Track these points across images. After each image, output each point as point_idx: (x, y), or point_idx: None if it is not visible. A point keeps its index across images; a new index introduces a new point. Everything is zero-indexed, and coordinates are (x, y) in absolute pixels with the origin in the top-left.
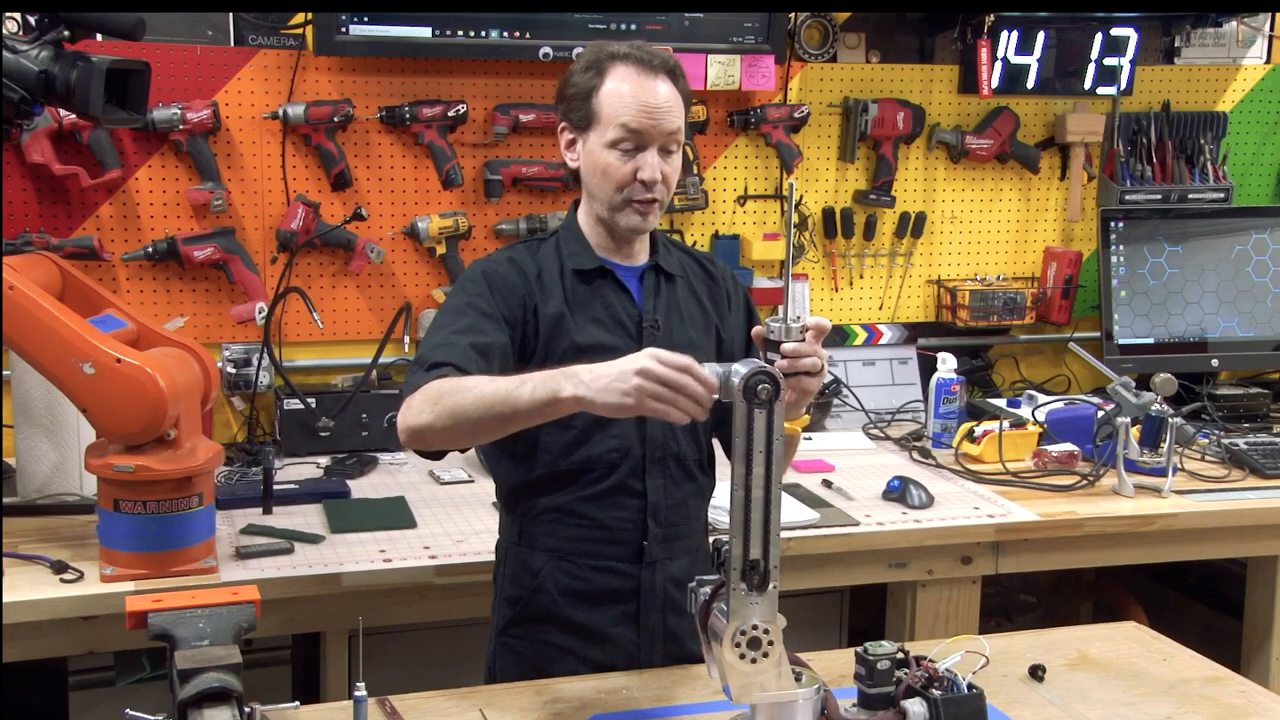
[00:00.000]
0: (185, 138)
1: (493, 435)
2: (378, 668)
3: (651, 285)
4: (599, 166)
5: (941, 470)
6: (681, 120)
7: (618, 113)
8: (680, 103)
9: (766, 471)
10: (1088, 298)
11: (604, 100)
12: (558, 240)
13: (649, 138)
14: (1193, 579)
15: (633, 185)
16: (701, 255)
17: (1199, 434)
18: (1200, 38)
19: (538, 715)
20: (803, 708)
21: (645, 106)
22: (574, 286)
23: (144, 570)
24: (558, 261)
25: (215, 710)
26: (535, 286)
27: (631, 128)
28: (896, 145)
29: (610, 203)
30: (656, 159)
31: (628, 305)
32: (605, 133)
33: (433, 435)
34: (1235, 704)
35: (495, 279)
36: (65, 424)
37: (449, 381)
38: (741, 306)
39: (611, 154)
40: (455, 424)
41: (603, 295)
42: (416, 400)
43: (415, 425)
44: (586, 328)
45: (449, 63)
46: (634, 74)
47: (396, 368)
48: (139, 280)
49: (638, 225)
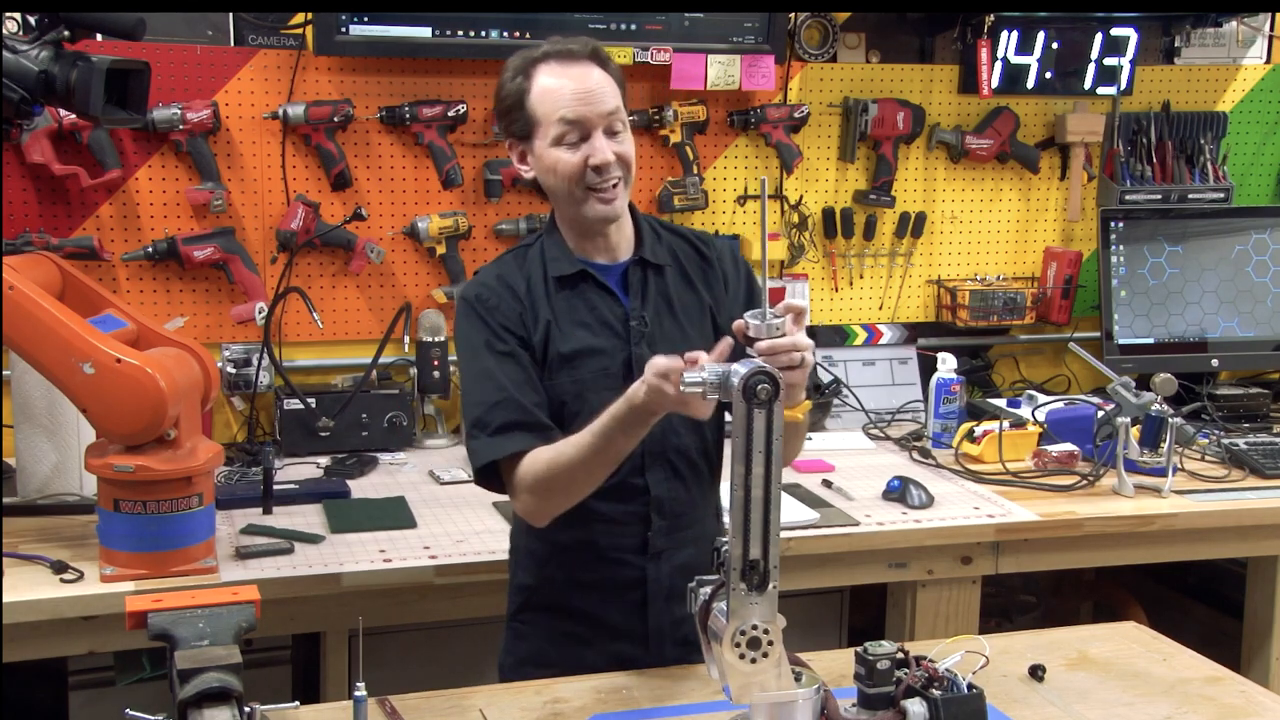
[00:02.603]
0: (185, 138)
1: (604, 477)
2: (378, 668)
3: (637, 281)
4: (551, 167)
5: (941, 470)
6: (618, 100)
7: (553, 109)
8: (612, 84)
9: (766, 471)
10: (1088, 298)
11: (536, 102)
12: (541, 247)
13: (590, 123)
14: (1193, 579)
15: (587, 174)
16: (695, 235)
17: (1199, 434)
18: (1200, 38)
19: (538, 715)
20: (803, 708)
21: (577, 94)
22: (558, 293)
23: (144, 570)
24: (542, 269)
25: (215, 710)
26: (525, 301)
27: (569, 119)
28: (896, 145)
29: (572, 198)
30: (604, 141)
31: (613, 306)
32: (547, 132)
33: (554, 511)
34: (1235, 704)
35: (490, 310)
36: (65, 424)
37: (541, 463)
38: (742, 285)
39: (559, 151)
40: (573, 493)
41: (586, 298)
42: (519, 490)
43: (534, 512)
44: (573, 333)
45: (449, 63)
46: (558, 68)
47: (396, 368)
48: (139, 280)
49: (605, 213)
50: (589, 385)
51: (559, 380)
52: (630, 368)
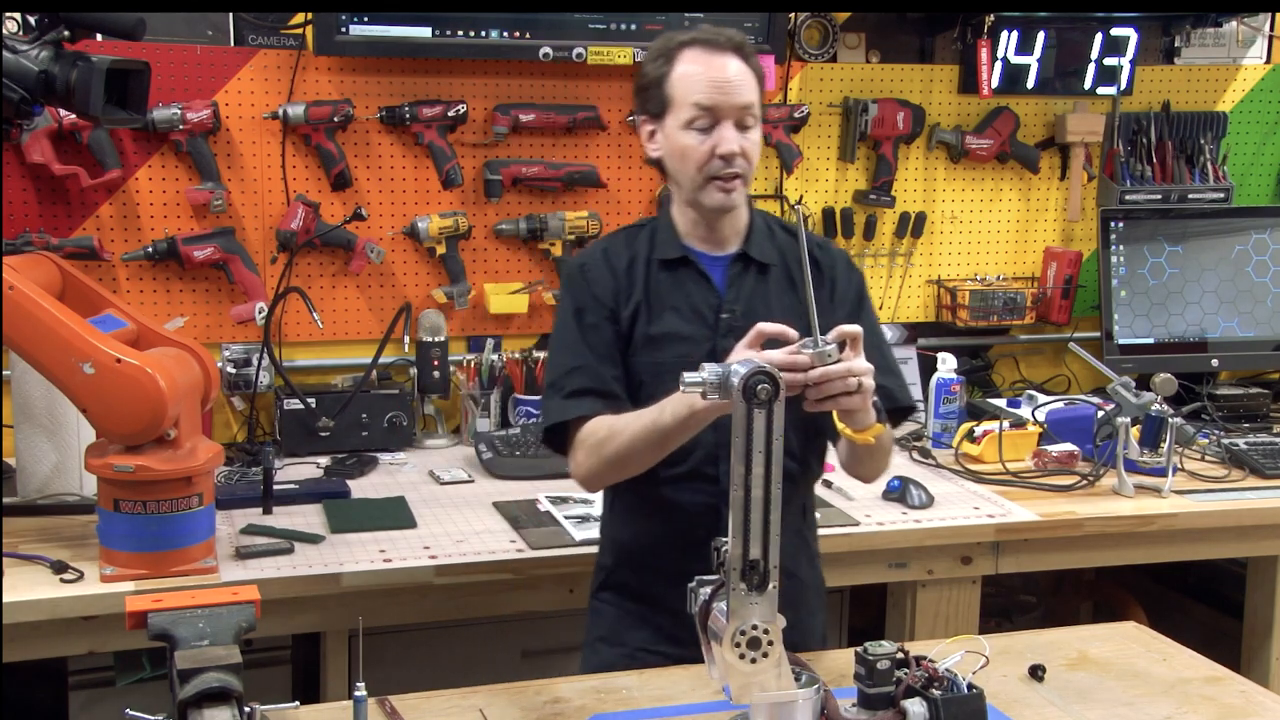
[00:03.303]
0: (185, 138)
1: (654, 461)
2: (378, 668)
3: (737, 275)
4: (678, 149)
5: (941, 470)
6: (755, 96)
7: (689, 92)
8: (752, 78)
9: (766, 471)
10: (1088, 298)
11: (675, 84)
12: (654, 229)
13: (722, 112)
14: (1193, 579)
15: (712, 162)
16: (812, 239)
17: (1199, 434)
18: (1200, 38)
19: (538, 715)
20: (803, 708)
21: (715, 82)
22: (658, 275)
23: (144, 570)
24: (648, 249)
25: (215, 710)
26: (624, 279)
27: (704, 104)
28: (896, 145)
29: (693, 183)
30: (733, 133)
31: (708, 295)
32: (680, 114)
33: (605, 479)
34: (1235, 704)
35: (588, 281)
36: (65, 424)
37: (603, 429)
38: (851, 299)
39: (688, 134)
40: (623, 465)
41: (684, 284)
42: (578, 451)
43: (588, 476)
44: (663, 316)
45: (449, 63)
46: (702, 54)
47: (396, 368)
48: (139, 280)
49: (723, 202)
50: (668, 369)
51: (640, 360)
52: (713, 358)
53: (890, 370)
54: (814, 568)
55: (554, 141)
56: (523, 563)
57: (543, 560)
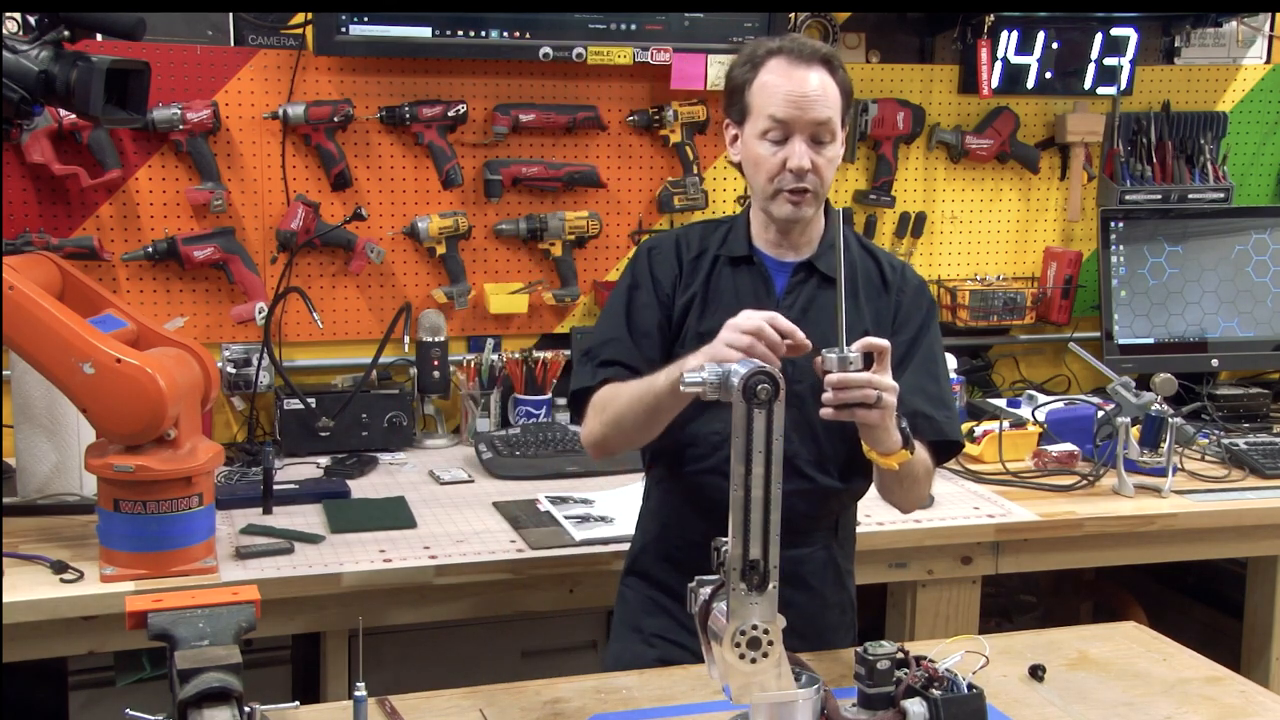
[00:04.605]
0: (185, 138)
1: (653, 427)
2: (378, 668)
3: (799, 282)
4: (752, 157)
5: (941, 470)
6: (834, 111)
7: (766, 104)
8: (835, 92)
9: (766, 471)
10: (1088, 298)
11: (756, 93)
12: (731, 226)
13: (795, 127)
14: (1193, 579)
15: (782, 175)
16: (887, 259)
17: (1199, 434)
18: (1200, 38)
19: (538, 715)
20: (803, 708)
21: (791, 96)
22: (721, 272)
23: (144, 570)
24: (720, 245)
25: (215, 710)
26: (687, 270)
27: (778, 118)
28: (896, 145)
29: (764, 192)
30: (804, 148)
31: (765, 298)
32: (756, 123)
33: (607, 443)
34: (1235, 704)
35: (652, 262)
36: (65, 424)
37: (608, 390)
38: (915, 323)
39: (762, 144)
40: (620, 427)
41: (744, 285)
42: (589, 416)
43: (591, 439)
44: (716, 314)
45: (449, 63)
46: (785, 65)
47: (396, 368)
48: (139, 280)
49: (790, 214)
50: None
51: (686, 355)
52: None
53: (943, 403)
54: (843, 587)
55: (554, 141)
56: (523, 563)
57: (543, 560)
